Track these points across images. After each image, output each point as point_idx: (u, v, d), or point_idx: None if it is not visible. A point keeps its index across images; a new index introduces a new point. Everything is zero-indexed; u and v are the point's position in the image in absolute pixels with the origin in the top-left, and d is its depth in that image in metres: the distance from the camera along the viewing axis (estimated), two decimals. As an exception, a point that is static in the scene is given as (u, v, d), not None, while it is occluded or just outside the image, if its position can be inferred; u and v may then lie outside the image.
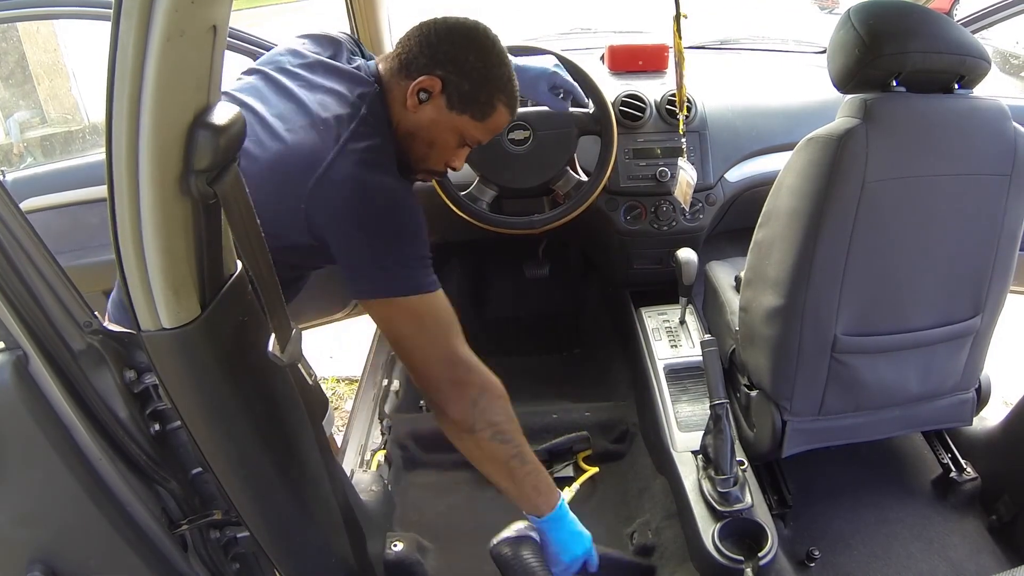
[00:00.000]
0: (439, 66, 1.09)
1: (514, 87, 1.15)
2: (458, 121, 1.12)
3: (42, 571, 0.85)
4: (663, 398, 1.63)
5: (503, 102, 1.13)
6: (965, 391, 1.45)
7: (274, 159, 1.05)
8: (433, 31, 1.10)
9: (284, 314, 0.83)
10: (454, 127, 1.13)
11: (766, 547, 1.27)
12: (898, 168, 1.16)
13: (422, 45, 1.10)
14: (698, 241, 1.84)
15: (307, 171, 1.02)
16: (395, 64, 1.12)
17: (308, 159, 1.03)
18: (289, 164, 1.04)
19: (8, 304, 0.73)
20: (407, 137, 1.13)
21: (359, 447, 1.71)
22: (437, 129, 1.13)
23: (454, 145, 1.16)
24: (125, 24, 0.58)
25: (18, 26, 4.61)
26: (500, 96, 1.12)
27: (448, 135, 1.14)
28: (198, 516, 0.90)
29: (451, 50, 1.09)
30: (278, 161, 1.04)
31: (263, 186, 1.00)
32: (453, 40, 1.10)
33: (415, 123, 1.12)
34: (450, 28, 1.11)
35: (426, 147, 1.15)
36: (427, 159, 1.16)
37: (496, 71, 1.12)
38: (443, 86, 1.09)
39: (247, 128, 1.02)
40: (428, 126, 1.12)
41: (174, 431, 0.87)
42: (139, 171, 0.64)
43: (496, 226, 1.66)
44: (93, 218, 1.61)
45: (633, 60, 2.00)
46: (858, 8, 1.17)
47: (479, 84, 1.10)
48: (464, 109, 1.11)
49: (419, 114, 1.11)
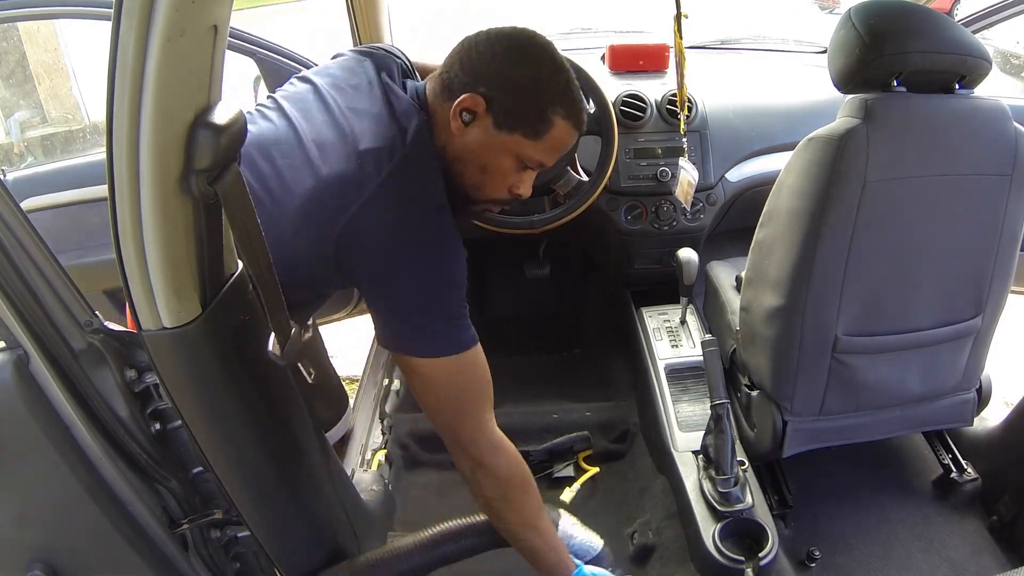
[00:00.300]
0: (482, 82, 0.98)
1: (574, 96, 1.02)
2: (509, 142, 1.00)
3: (42, 570, 0.85)
4: (664, 398, 1.63)
5: (561, 115, 1.00)
6: (966, 391, 1.45)
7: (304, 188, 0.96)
8: (474, 45, 1.01)
9: (284, 314, 0.83)
10: (506, 148, 1.01)
11: (766, 547, 1.27)
12: (899, 168, 1.16)
13: (463, 62, 1.00)
14: (699, 241, 1.84)
15: (339, 209, 0.93)
16: (438, 85, 1.03)
17: (341, 195, 0.93)
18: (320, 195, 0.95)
19: (9, 303, 0.73)
20: (456, 163, 1.03)
21: (360, 447, 1.71)
22: (487, 152, 1.01)
23: (512, 168, 1.03)
24: (125, 24, 0.58)
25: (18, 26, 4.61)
26: (556, 109, 0.99)
27: (501, 158, 1.02)
28: (199, 515, 0.90)
29: (493, 63, 0.99)
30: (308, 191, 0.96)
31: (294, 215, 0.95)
32: (495, 52, 0.99)
33: (462, 147, 1.02)
34: (492, 40, 1.00)
35: (479, 172, 1.03)
36: (483, 186, 1.05)
37: (548, 82, 1.00)
38: (487, 104, 0.98)
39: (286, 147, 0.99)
40: (476, 149, 1.01)
41: (175, 430, 0.87)
42: (140, 170, 0.64)
43: (496, 226, 1.66)
44: (94, 217, 1.61)
45: (634, 60, 2.00)
46: (859, 8, 1.16)
47: (528, 99, 0.99)
48: (514, 128, 0.99)
49: (465, 137, 1.01)
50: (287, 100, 1.08)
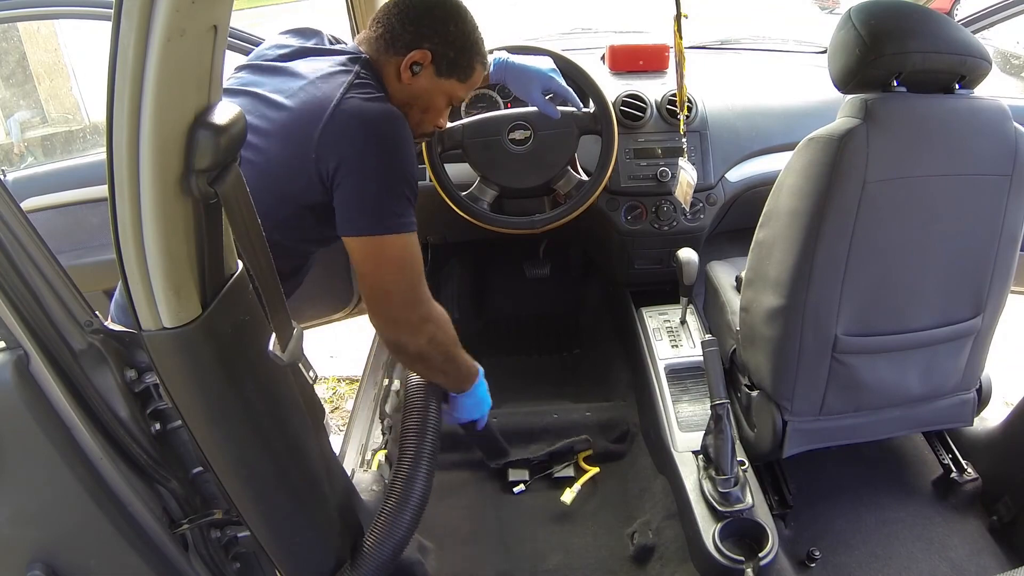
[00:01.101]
0: (426, 39, 1.19)
1: (484, 47, 1.27)
2: (446, 85, 1.24)
3: (42, 570, 0.85)
4: (664, 398, 1.63)
5: (480, 62, 1.26)
6: (966, 391, 1.45)
7: (282, 123, 1.11)
8: (409, 7, 1.20)
9: (285, 314, 0.83)
10: (443, 91, 1.25)
11: (767, 547, 1.27)
12: (899, 168, 1.16)
13: (404, 22, 1.19)
14: (699, 241, 1.84)
15: (313, 120, 1.09)
16: (380, 45, 1.21)
17: (313, 111, 1.10)
18: (296, 122, 1.10)
19: (9, 303, 0.73)
20: (402, 107, 1.21)
21: (360, 447, 1.71)
22: (430, 96, 1.25)
23: (443, 107, 1.29)
24: (125, 24, 0.58)
25: (18, 26, 4.61)
26: (478, 58, 1.25)
27: (439, 99, 1.26)
28: (199, 515, 0.90)
29: (433, 23, 1.19)
30: (286, 124, 1.11)
31: (276, 153, 1.11)
32: (434, 14, 1.20)
33: (410, 93, 1.23)
34: (425, 2, 1.20)
35: (420, 113, 1.26)
36: (421, 123, 1.28)
37: (473, 36, 1.23)
38: (432, 57, 1.20)
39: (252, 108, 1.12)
40: (422, 94, 1.24)
41: (175, 430, 0.87)
42: (140, 171, 0.64)
43: (497, 226, 1.66)
44: (94, 218, 1.61)
45: (634, 60, 2.00)
46: (859, 8, 1.16)
47: (462, 50, 1.22)
48: (451, 74, 1.23)
49: (413, 85, 1.22)
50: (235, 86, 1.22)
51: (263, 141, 1.12)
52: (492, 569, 1.54)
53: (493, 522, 1.63)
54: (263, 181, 1.06)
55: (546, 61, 1.51)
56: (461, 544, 1.56)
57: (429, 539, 1.55)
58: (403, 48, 1.20)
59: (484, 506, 1.68)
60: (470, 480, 1.70)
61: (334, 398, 2.69)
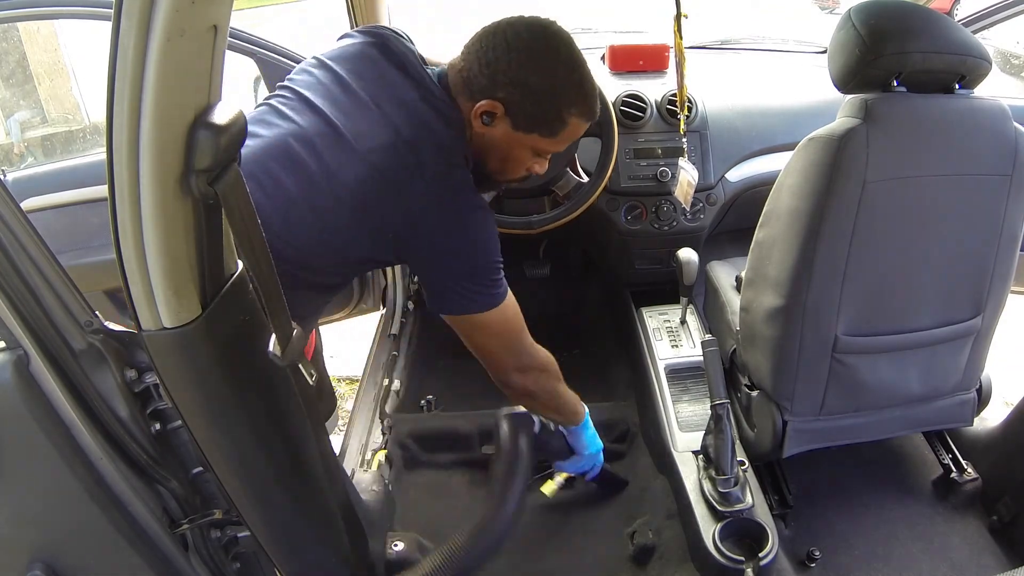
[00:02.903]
0: (500, 88, 1.05)
1: (587, 93, 1.09)
2: (527, 139, 1.10)
3: (42, 570, 0.85)
4: (664, 398, 1.63)
5: (575, 114, 1.09)
6: (966, 391, 1.45)
7: (357, 181, 1.03)
8: (492, 47, 1.05)
9: (285, 314, 0.82)
10: (524, 145, 1.11)
11: (767, 547, 1.27)
12: (899, 168, 1.16)
13: (481, 64, 1.06)
14: (699, 241, 1.84)
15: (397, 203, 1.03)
16: (459, 81, 1.10)
17: (396, 188, 1.03)
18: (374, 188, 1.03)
19: (9, 303, 0.73)
20: (480, 153, 1.14)
21: (360, 447, 1.71)
22: (506, 147, 1.12)
23: (529, 157, 1.15)
24: (125, 24, 0.58)
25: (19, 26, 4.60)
26: (570, 110, 1.08)
27: (520, 151, 1.13)
28: (199, 515, 0.90)
29: (510, 70, 1.04)
30: (362, 183, 1.03)
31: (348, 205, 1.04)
32: (512, 59, 1.04)
33: (483, 143, 1.12)
34: (510, 43, 1.05)
35: (499, 162, 1.15)
36: (503, 171, 1.18)
37: (562, 87, 1.06)
38: (506, 109, 1.07)
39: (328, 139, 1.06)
40: (496, 145, 1.12)
41: (175, 430, 0.87)
42: (140, 171, 0.64)
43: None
44: (94, 218, 1.61)
45: (634, 60, 2.00)
46: (859, 8, 1.17)
47: (544, 104, 1.06)
48: (531, 128, 1.09)
49: (486, 135, 1.10)
50: (310, 91, 1.12)
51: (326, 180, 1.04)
52: (492, 569, 1.54)
53: (493, 522, 1.63)
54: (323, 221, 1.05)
55: None
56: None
57: (429, 539, 1.55)
58: (477, 94, 1.07)
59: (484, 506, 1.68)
60: (469, 480, 1.70)
61: (334, 398, 2.69)
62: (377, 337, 2.13)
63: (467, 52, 1.09)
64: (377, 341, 2.10)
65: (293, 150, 1.06)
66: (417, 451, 1.79)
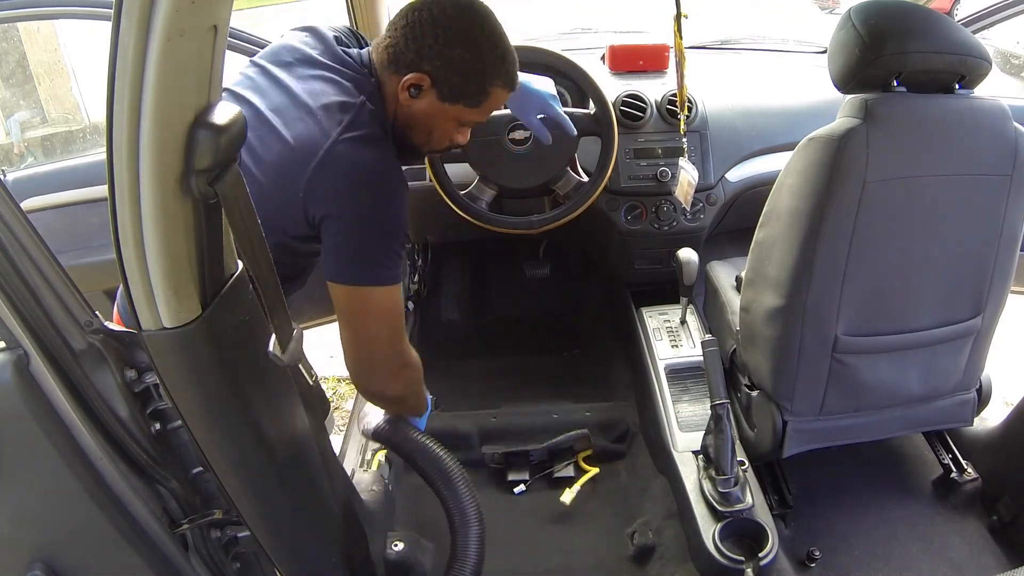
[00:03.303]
0: (426, 61, 1.08)
1: (509, 65, 1.13)
2: (452, 111, 1.13)
3: (42, 571, 0.85)
4: (664, 398, 1.63)
5: (498, 85, 1.13)
6: (966, 391, 1.45)
7: (276, 155, 1.07)
8: (418, 21, 1.08)
9: (285, 314, 0.82)
10: (449, 115, 1.14)
11: (767, 547, 1.27)
12: (899, 168, 1.16)
13: (407, 38, 1.09)
14: (699, 241, 1.84)
15: (305, 160, 1.04)
16: (385, 57, 1.12)
17: (306, 148, 1.05)
18: (289, 156, 1.06)
19: (9, 303, 0.73)
20: (405, 126, 1.16)
21: (360, 447, 1.71)
22: (432, 119, 1.14)
23: (453, 128, 1.18)
24: (125, 24, 0.58)
25: (18, 26, 4.61)
26: (495, 81, 1.12)
27: (444, 122, 1.16)
28: (199, 515, 0.90)
29: (436, 44, 1.07)
30: (279, 156, 1.06)
31: (267, 182, 1.06)
32: (438, 33, 1.07)
33: (409, 114, 1.14)
34: (435, 19, 1.08)
35: (425, 134, 1.17)
36: (429, 142, 1.20)
37: (488, 58, 1.10)
38: (432, 81, 1.09)
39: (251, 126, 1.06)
40: (422, 118, 1.14)
41: (175, 430, 0.87)
42: (140, 171, 0.64)
43: (495, 225, 1.66)
44: (94, 218, 1.61)
45: (634, 60, 1.99)
46: (859, 8, 1.16)
47: (470, 75, 1.10)
48: (456, 100, 1.12)
49: (412, 107, 1.13)
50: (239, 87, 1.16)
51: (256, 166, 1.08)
52: (492, 569, 1.54)
53: (493, 522, 1.63)
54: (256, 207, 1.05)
55: (548, 84, 1.48)
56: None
57: (429, 539, 1.55)
58: (403, 67, 1.10)
59: (484, 506, 1.68)
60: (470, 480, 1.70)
61: (334, 398, 2.69)
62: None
63: (392, 28, 1.11)
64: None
65: None
66: (417, 451, 1.79)
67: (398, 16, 1.12)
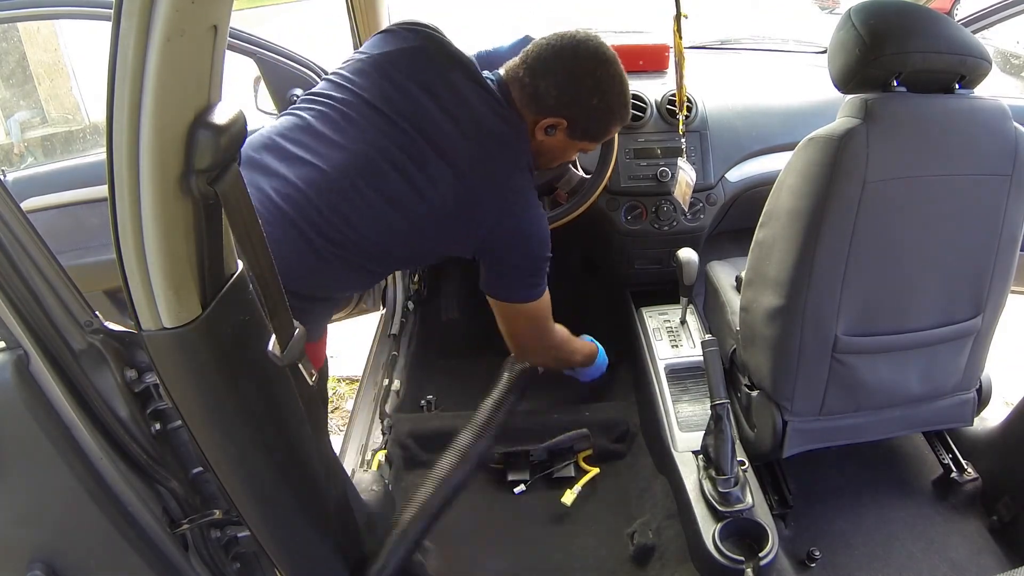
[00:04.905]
0: (564, 108, 1.24)
1: (628, 104, 1.31)
2: (578, 145, 1.33)
3: (42, 570, 0.85)
4: (664, 398, 1.63)
5: (618, 123, 1.32)
6: (966, 391, 1.45)
7: (448, 199, 1.20)
8: (557, 71, 1.22)
9: (285, 314, 0.82)
10: (574, 148, 1.35)
11: (767, 547, 1.27)
12: (899, 168, 1.16)
13: (548, 85, 1.22)
14: (699, 241, 1.84)
15: (480, 221, 1.22)
16: (523, 96, 1.25)
17: (478, 198, 1.21)
18: (463, 203, 1.20)
19: (9, 303, 0.73)
20: (536, 153, 1.32)
21: (360, 447, 1.71)
22: (560, 151, 1.34)
23: (572, 155, 1.42)
24: (125, 24, 0.58)
25: (18, 26, 4.60)
26: (616, 121, 1.31)
27: (569, 152, 1.37)
28: (199, 515, 0.90)
29: (576, 94, 1.23)
30: (453, 199, 1.20)
31: (436, 224, 1.22)
32: (578, 84, 1.22)
33: (540, 146, 1.31)
34: (572, 70, 1.22)
35: (549, 159, 1.37)
36: (549, 163, 1.40)
37: (615, 105, 1.27)
38: (568, 124, 1.26)
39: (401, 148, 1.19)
40: (552, 149, 1.33)
41: (175, 430, 0.87)
42: (140, 171, 0.64)
43: None
44: (94, 218, 1.61)
45: (633, 60, 1.99)
46: (859, 8, 1.16)
47: (600, 121, 1.28)
48: (585, 137, 1.31)
49: (545, 142, 1.30)
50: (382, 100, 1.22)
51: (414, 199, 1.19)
52: (492, 569, 1.54)
53: (493, 522, 1.63)
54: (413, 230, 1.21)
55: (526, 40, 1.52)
56: (461, 544, 1.56)
57: (429, 539, 1.54)
58: (543, 111, 1.24)
59: (484, 506, 1.68)
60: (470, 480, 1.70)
61: (334, 398, 2.69)
62: (377, 337, 2.13)
63: (531, 70, 1.24)
64: (377, 341, 2.10)
65: (379, 167, 1.19)
66: (417, 451, 1.79)
67: (535, 57, 1.24)
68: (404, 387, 1.98)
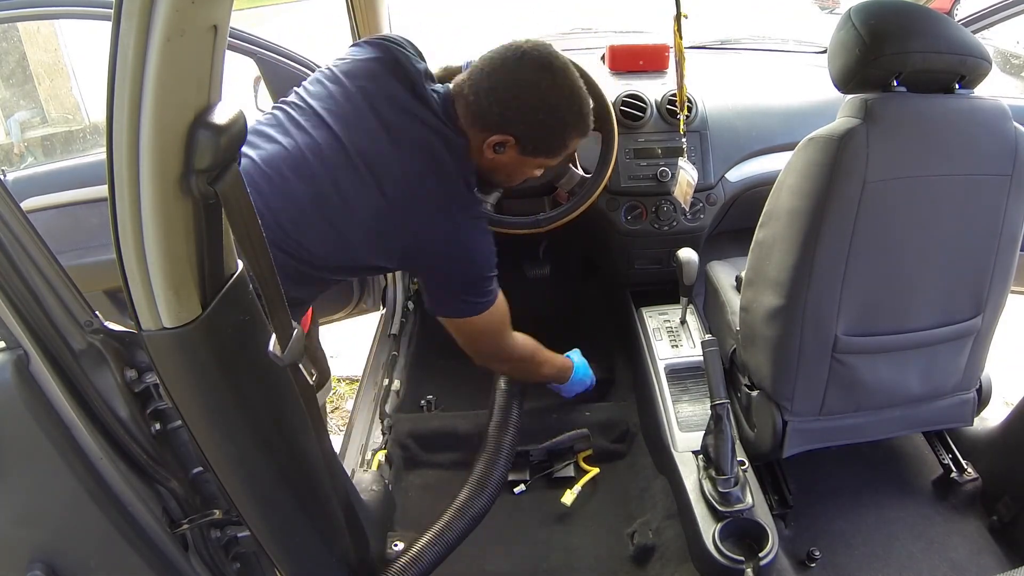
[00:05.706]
0: (510, 124, 1.18)
1: (586, 117, 1.22)
2: (534, 162, 1.26)
3: (42, 570, 0.85)
4: (664, 398, 1.63)
5: (575, 136, 1.24)
6: (966, 391, 1.45)
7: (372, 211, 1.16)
8: (501, 85, 1.16)
9: (285, 314, 0.83)
10: (530, 165, 1.27)
11: (767, 547, 1.27)
12: (899, 168, 1.16)
13: (492, 100, 1.16)
14: (699, 241, 1.84)
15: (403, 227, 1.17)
16: (468, 113, 1.20)
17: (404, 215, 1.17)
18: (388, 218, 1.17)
19: (9, 304, 0.73)
20: (487, 173, 1.29)
21: (360, 447, 1.71)
22: (514, 168, 1.27)
23: (531, 172, 1.32)
24: (125, 24, 0.58)
25: (18, 26, 4.61)
26: (572, 134, 1.23)
27: (526, 170, 1.29)
28: (199, 515, 0.90)
29: (521, 108, 1.16)
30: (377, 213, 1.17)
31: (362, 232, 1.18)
32: (522, 98, 1.16)
33: (493, 165, 1.25)
34: (519, 81, 1.16)
35: (505, 177, 1.31)
36: (509, 182, 1.35)
37: (567, 117, 1.20)
38: (516, 140, 1.20)
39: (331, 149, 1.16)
40: (504, 168, 1.27)
41: (175, 430, 0.87)
42: (140, 171, 0.64)
43: (502, 227, 1.66)
44: (94, 218, 1.61)
45: (634, 60, 2.00)
46: (859, 8, 1.17)
47: (552, 135, 1.21)
48: (538, 153, 1.23)
49: (496, 159, 1.23)
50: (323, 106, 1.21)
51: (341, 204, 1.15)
52: (492, 569, 1.54)
53: (493, 522, 1.63)
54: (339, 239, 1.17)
55: None
56: (461, 544, 1.56)
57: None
58: (488, 127, 1.19)
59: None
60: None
61: (334, 398, 2.69)
62: (377, 337, 2.12)
63: (475, 84, 1.18)
64: (377, 341, 2.10)
65: (307, 162, 1.16)
66: (417, 451, 1.79)
67: (479, 72, 1.18)
68: (404, 387, 1.98)
